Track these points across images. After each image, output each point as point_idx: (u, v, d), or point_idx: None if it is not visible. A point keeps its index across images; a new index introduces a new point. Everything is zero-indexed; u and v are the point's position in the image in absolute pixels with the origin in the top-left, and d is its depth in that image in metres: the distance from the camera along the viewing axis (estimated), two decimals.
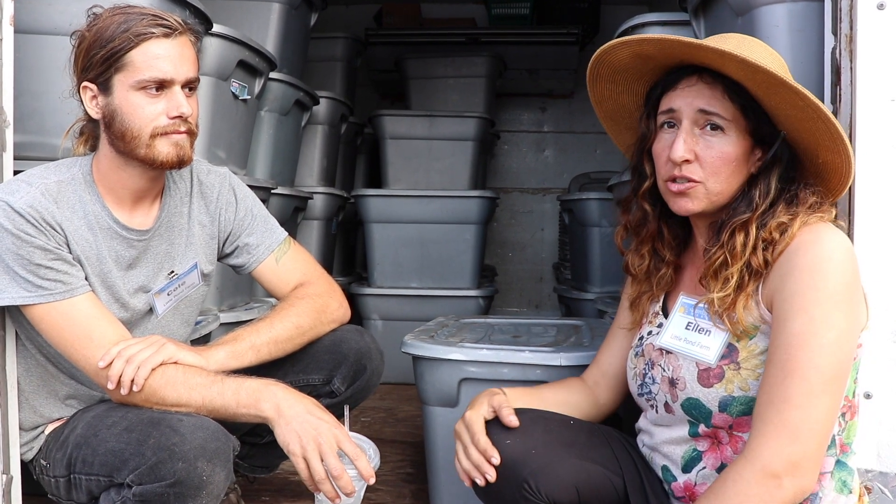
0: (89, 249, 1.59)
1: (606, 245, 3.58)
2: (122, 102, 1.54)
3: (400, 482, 2.40)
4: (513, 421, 1.43)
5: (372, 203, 3.82)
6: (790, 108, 1.28)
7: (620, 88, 1.50)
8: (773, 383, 1.22)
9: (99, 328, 1.53)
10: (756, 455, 1.20)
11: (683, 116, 1.35)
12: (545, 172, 5.52)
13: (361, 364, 1.83)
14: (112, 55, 1.52)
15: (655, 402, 1.44)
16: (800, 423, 1.19)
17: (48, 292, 1.51)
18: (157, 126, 1.55)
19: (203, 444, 1.40)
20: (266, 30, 3.27)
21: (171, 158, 1.57)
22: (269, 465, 2.04)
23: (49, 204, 1.53)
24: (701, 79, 1.34)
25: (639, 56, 1.41)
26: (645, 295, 1.54)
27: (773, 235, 1.29)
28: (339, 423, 1.52)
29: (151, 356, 1.49)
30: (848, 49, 1.56)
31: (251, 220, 1.83)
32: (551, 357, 1.90)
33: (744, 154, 1.34)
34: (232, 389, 1.50)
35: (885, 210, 1.54)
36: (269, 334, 1.66)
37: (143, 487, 1.40)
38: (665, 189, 1.40)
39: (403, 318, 3.75)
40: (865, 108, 1.54)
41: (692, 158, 1.33)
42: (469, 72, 4.56)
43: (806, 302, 1.21)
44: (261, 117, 3.13)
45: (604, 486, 1.43)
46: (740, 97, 1.32)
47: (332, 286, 1.85)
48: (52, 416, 1.66)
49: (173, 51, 1.55)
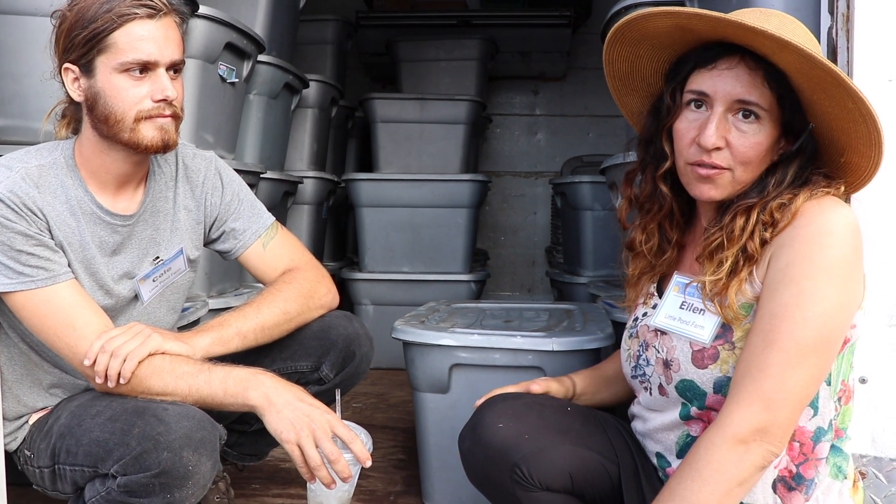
0: (72, 235, 1.55)
1: (599, 229, 3.56)
2: (105, 85, 1.50)
3: (391, 468, 2.39)
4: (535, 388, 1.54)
5: (363, 187, 3.80)
6: (835, 107, 1.22)
7: (643, 53, 1.40)
8: (753, 352, 1.21)
9: (82, 316, 1.50)
10: (727, 422, 1.20)
11: (717, 101, 1.26)
12: (537, 156, 5.50)
13: (350, 350, 1.81)
14: (94, 36, 1.48)
15: (649, 384, 1.42)
16: (773, 393, 1.18)
17: (29, 279, 1.48)
18: (142, 109, 1.51)
19: (188, 434, 1.38)
20: (254, 12, 3.23)
21: (156, 143, 1.54)
22: (258, 454, 2.02)
23: (30, 189, 1.50)
24: (743, 61, 1.25)
25: (681, 28, 1.31)
26: (645, 275, 1.50)
27: (773, 216, 1.25)
28: (330, 409, 1.50)
29: (137, 348, 1.46)
30: (845, 28, 1.54)
31: (238, 204, 1.80)
32: (543, 342, 1.88)
33: (773, 143, 1.28)
34: (219, 378, 1.48)
35: (883, 193, 1.52)
36: (255, 320, 1.64)
37: (128, 478, 1.38)
38: (687, 171, 1.33)
39: (395, 303, 3.74)
40: (862, 88, 1.51)
41: (723, 146, 1.27)
42: (461, 55, 4.54)
43: (798, 273, 1.19)
44: (249, 101, 3.09)
45: (598, 473, 1.42)
46: (780, 86, 1.25)
47: (320, 271, 1.83)
48: (35, 406, 1.64)
49: (157, 32, 1.51)
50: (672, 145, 1.36)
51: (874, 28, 1.52)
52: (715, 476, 1.20)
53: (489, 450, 1.42)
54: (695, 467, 1.22)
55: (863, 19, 1.52)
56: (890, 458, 1.56)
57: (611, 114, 5.03)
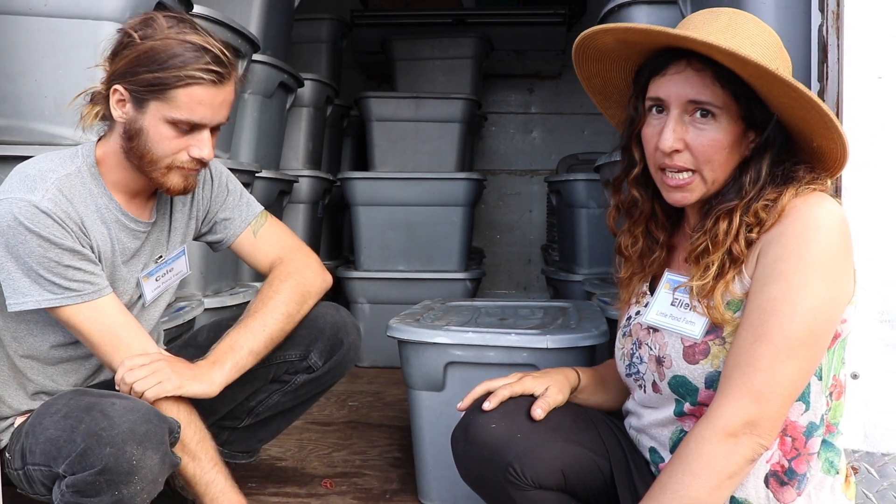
0: (104, 244, 1.59)
1: (594, 226, 3.57)
2: (151, 128, 1.53)
3: (387, 466, 2.39)
4: (537, 413, 1.43)
5: (358, 186, 3.80)
6: (782, 97, 1.25)
7: (608, 67, 1.46)
8: (743, 346, 1.22)
9: (125, 339, 1.56)
10: (717, 416, 1.21)
11: (672, 105, 1.30)
12: (533, 154, 5.50)
13: (338, 338, 1.83)
14: (158, 83, 1.49)
15: (643, 381, 1.43)
16: (762, 387, 1.19)
17: (76, 294, 1.51)
18: (177, 160, 1.55)
19: (132, 428, 1.37)
20: (249, 11, 3.23)
21: (179, 188, 1.60)
22: (249, 450, 2.03)
23: (67, 204, 1.52)
24: (689, 65, 1.28)
25: (624, 42, 1.36)
26: (636, 276, 1.52)
27: (759, 216, 1.26)
28: None
29: (151, 388, 1.50)
30: (835, 26, 1.55)
31: (227, 194, 1.83)
32: (538, 340, 1.89)
33: (736, 139, 1.30)
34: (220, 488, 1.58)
35: (872, 187, 1.53)
36: (263, 334, 1.68)
37: (75, 477, 1.37)
38: (658, 178, 1.36)
39: (391, 301, 3.73)
40: (852, 85, 1.53)
41: (681, 147, 1.29)
42: (456, 53, 4.54)
43: (786, 268, 1.20)
44: (244, 100, 3.10)
45: (590, 470, 1.43)
46: (731, 83, 1.26)
47: (308, 257, 1.85)
48: (20, 409, 1.63)
49: (217, 99, 1.54)
50: (642, 151, 1.39)
51: (864, 26, 1.53)
52: (706, 469, 1.21)
53: (483, 449, 1.42)
54: (685, 461, 1.23)
55: (853, 17, 1.53)
56: (882, 453, 1.56)
57: None
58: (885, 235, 1.54)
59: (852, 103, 1.53)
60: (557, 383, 1.51)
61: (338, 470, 2.35)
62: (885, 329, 1.51)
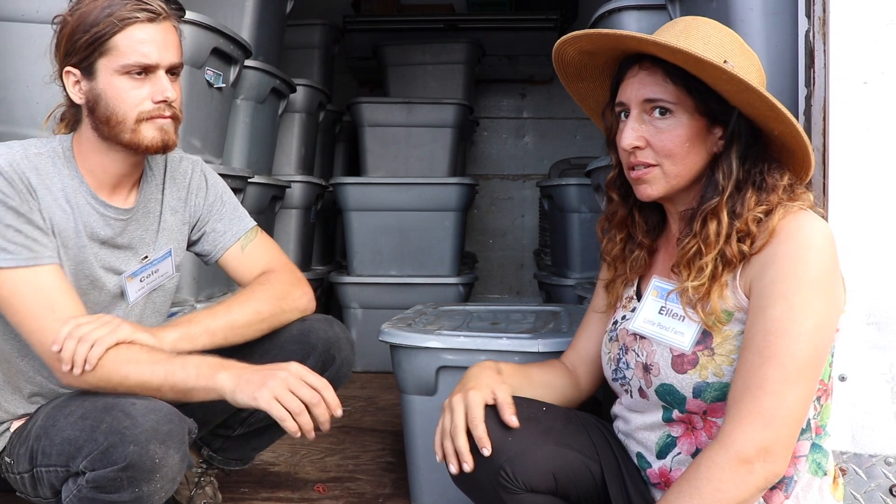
0: (65, 221, 1.56)
1: (586, 231, 3.58)
2: (107, 87, 1.53)
3: (380, 471, 2.40)
4: (513, 421, 1.38)
5: (351, 191, 3.81)
6: (721, 83, 1.28)
7: (593, 84, 1.52)
8: (750, 369, 1.22)
9: (61, 301, 1.50)
10: (730, 441, 1.20)
11: (631, 106, 1.36)
12: (525, 159, 5.52)
13: (330, 354, 1.81)
14: (96, 40, 1.51)
15: (630, 387, 1.44)
16: (774, 410, 1.19)
17: (12, 256, 1.47)
18: (143, 111, 1.54)
19: (155, 427, 1.38)
20: (241, 17, 3.23)
21: (157, 143, 1.56)
22: (243, 458, 2.03)
23: (28, 169, 1.51)
24: (642, 67, 1.35)
25: (583, 52, 1.43)
26: (619, 279, 1.54)
27: (749, 228, 1.28)
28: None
29: (106, 335, 1.45)
30: (821, 32, 1.56)
31: (220, 205, 1.82)
32: (529, 343, 1.90)
33: (698, 133, 1.34)
34: (193, 363, 1.48)
35: (858, 192, 1.55)
36: (225, 318, 1.63)
37: (96, 473, 1.38)
38: (629, 177, 1.41)
39: (383, 306, 3.74)
40: (839, 90, 1.55)
41: (643, 145, 1.35)
42: (448, 58, 4.55)
43: (786, 289, 1.21)
44: (237, 105, 3.10)
45: (581, 473, 1.43)
46: (682, 79, 1.31)
47: (295, 275, 1.83)
48: (16, 413, 1.63)
49: (157, 35, 1.54)
50: (618, 156, 1.44)
51: (849, 32, 1.54)
52: (716, 496, 1.19)
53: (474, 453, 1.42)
54: (695, 485, 1.22)
55: (838, 23, 1.54)
56: (869, 454, 1.58)
57: None
58: (871, 238, 1.55)
59: (839, 108, 1.55)
60: (496, 384, 1.45)
61: (330, 475, 2.36)
62: (872, 331, 1.52)
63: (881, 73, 1.55)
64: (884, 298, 1.55)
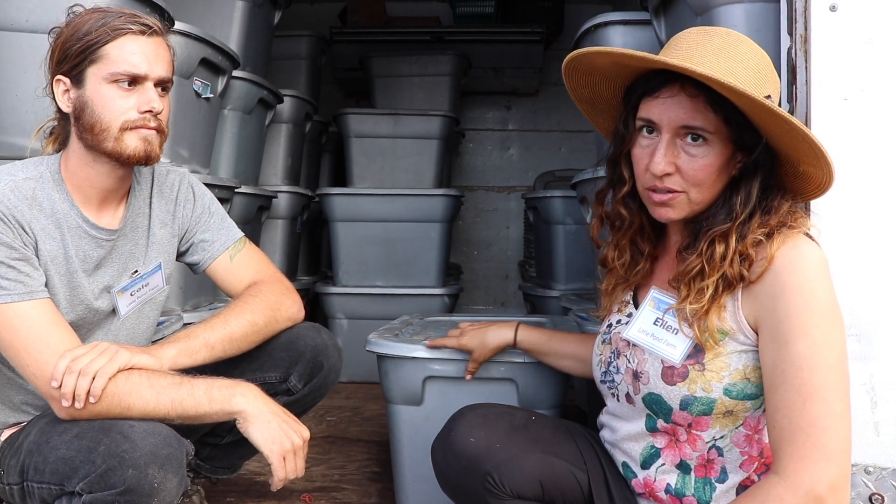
0: (56, 249, 1.56)
1: (571, 242, 3.60)
2: (94, 94, 1.54)
3: (366, 481, 2.40)
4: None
5: (337, 202, 3.82)
6: (775, 127, 1.25)
7: (598, 80, 1.44)
8: (794, 408, 1.20)
9: (56, 334, 1.49)
10: (797, 481, 1.18)
11: (664, 128, 1.30)
12: (510, 170, 5.54)
13: (318, 361, 1.83)
14: (88, 47, 1.53)
15: (617, 391, 1.44)
16: (833, 445, 1.18)
17: (5, 292, 1.47)
18: (127, 120, 1.55)
19: (154, 451, 1.38)
20: (229, 27, 3.25)
21: (139, 153, 1.56)
22: (231, 466, 2.03)
23: (19, 202, 1.51)
24: (683, 89, 1.28)
25: (619, 64, 1.36)
26: (620, 286, 1.53)
27: (748, 251, 1.27)
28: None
29: (106, 365, 1.43)
30: (803, 49, 1.59)
31: (208, 216, 1.83)
32: (514, 354, 1.91)
33: (726, 161, 1.30)
34: (202, 388, 1.49)
35: (840, 207, 1.57)
36: (223, 331, 1.64)
37: (94, 496, 1.37)
38: (645, 196, 1.36)
39: (369, 316, 3.75)
40: (820, 106, 1.57)
41: (672, 171, 1.30)
42: (434, 70, 4.57)
43: (804, 323, 1.21)
44: (224, 116, 3.11)
45: (568, 481, 1.44)
46: (723, 108, 1.26)
47: (285, 284, 1.85)
48: (7, 422, 1.64)
49: (148, 48, 1.56)
50: (631, 169, 1.40)
51: (830, 49, 1.57)
52: None
53: (462, 459, 1.44)
54: None
55: (819, 41, 1.57)
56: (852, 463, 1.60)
57: (583, 129, 5.09)
58: (851, 251, 1.58)
59: (820, 124, 1.57)
60: (487, 342, 1.83)
61: (316, 484, 2.36)
62: (853, 342, 1.54)
63: (860, 90, 1.58)
64: (864, 310, 1.58)
